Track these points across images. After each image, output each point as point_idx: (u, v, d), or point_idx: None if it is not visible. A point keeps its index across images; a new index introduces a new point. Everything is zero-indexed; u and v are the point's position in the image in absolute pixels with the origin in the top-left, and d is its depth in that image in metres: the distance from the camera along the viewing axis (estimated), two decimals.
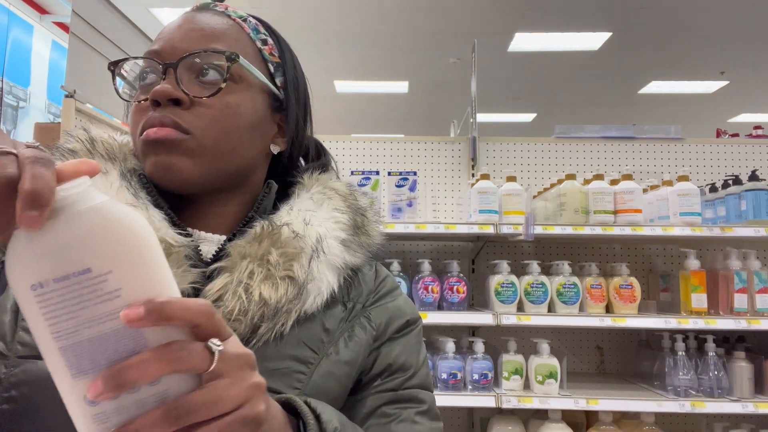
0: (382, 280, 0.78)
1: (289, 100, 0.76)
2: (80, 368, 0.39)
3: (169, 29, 0.71)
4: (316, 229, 0.70)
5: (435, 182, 2.86)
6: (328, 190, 0.76)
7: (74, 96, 2.02)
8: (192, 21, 0.71)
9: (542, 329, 2.59)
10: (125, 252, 0.39)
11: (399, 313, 0.76)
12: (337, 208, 0.74)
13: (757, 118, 8.95)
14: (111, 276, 0.38)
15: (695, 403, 2.19)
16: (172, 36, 0.69)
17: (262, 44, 0.74)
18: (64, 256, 0.37)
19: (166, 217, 0.67)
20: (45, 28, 5.00)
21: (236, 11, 0.75)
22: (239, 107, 0.69)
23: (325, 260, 0.69)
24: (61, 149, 0.69)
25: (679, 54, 6.83)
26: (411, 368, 0.73)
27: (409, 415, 0.70)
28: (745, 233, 2.26)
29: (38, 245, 0.37)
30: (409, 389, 0.73)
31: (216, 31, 0.70)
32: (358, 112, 9.30)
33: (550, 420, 2.30)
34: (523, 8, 5.75)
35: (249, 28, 0.74)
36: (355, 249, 0.73)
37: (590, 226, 2.28)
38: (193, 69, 0.68)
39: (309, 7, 5.70)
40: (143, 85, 0.70)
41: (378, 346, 0.73)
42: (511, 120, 9.67)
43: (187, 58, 0.67)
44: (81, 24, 2.09)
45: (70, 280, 0.38)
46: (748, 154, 2.88)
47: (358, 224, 0.75)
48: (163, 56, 0.68)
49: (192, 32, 0.70)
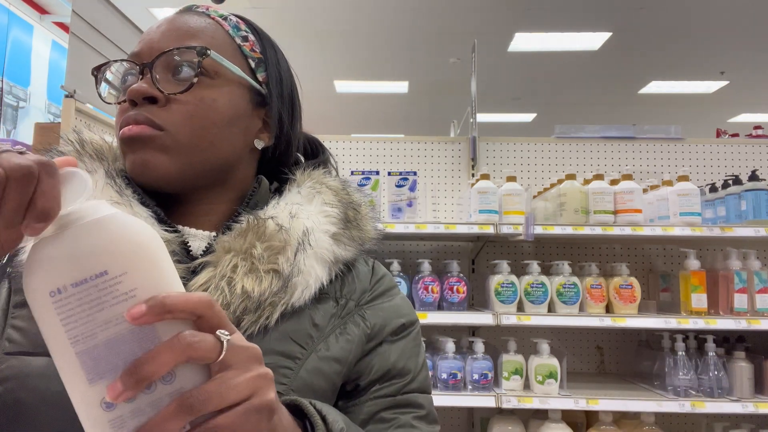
0: (379, 279, 0.78)
1: (272, 95, 0.76)
2: (97, 372, 0.40)
3: (149, 32, 0.72)
4: (303, 222, 0.70)
5: (435, 182, 2.86)
6: (319, 185, 0.76)
7: (74, 96, 2.02)
8: (171, 22, 0.72)
9: (542, 329, 2.59)
10: (138, 254, 0.42)
11: (396, 315, 0.75)
12: (327, 202, 0.74)
13: (757, 118, 8.95)
14: (126, 277, 0.41)
15: (695, 403, 2.19)
16: (151, 38, 0.71)
17: (243, 40, 0.75)
18: (82, 260, 0.40)
19: (152, 214, 0.68)
20: (45, 28, 5.00)
21: (217, 11, 0.76)
22: (215, 102, 0.69)
23: (313, 253, 0.69)
24: (54, 152, 0.70)
25: (679, 54, 6.83)
26: (410, 373, 0.73)
27: (407, 420, 0.70)
28: (745, 233, 2.26)
29: (58, 252, 0.40)
30: (407, 394, 0.72)
31: (192, 30, 0.71)
32: (358, 112, 9.30)
33: (550, 420, 2.30)
34: (523, 8, 5.75)
35: (228, 26, 0.75)
36: (346, 243, 0.73)
37: (590, 226, 2.28)
38: (169, 67, 0.69)
39: (309, 6, 5.70)
40: (125, 87, 0.71)
41: (374, 347, 0.72)
42: (511, 120, 9.67)
43: (160, 57, 0.68)
44: (81, 24, 2.09)
45: (88, 284, 0.40)
46: (748, 154, 2.88)
47: (349, 218, 0.75)
48: (141, 57, 0.69)
49: (169, 32, 0.71)
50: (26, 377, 0.59)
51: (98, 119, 2.19)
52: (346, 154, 2.89)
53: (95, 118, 2.17)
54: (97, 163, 0.69)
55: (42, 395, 0.58)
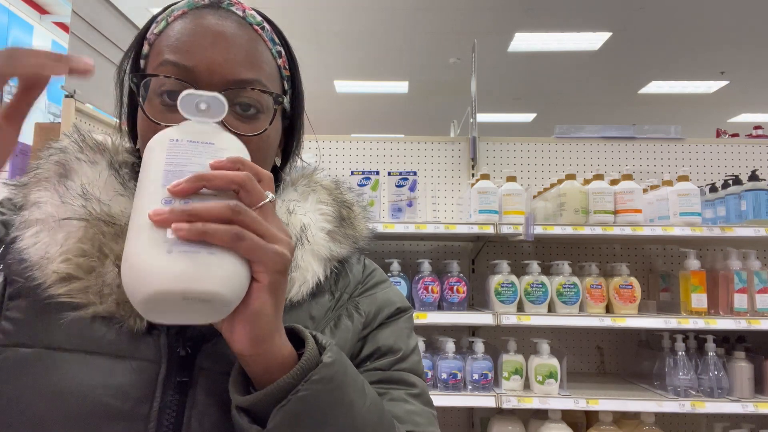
0: (371, 273, 0.79)
1: (299, 114, 0.76)
2: (170, 180, 0.52)
3: (197, 41, 0.64)
4: (301, 218, 0.70)
5: (435, 182, 2.86)
6: (313, 184, 0.76)
7: (74, 96, 2.02)
8: (222, 35, 0.65)
9: (542, 329, 2.59)
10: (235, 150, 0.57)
11: (389, 303, 0.76)
12: (322, 201, 0.75)
13: (757, 118, 8.96)
14: (223, 153, 0.55)
15: (695, 403, 2.19)
16: (206, 53, 0.64)
17: (278, 57, 0.71)
18: (203, 134, 0.56)
19: None
20: (45, 28, 5.00)
21: (253, 15, 0.71)
22: (269, 138, 0.68)
23: (310, 249, 0.69)
24: (54, 147, 0.69)
25: (679, 54, 6.83)
26: (400, 351, 0.73)
27: (399, 395, 0.70)
28: (745, 233, 2.26)
29: (192, 125, 0.56)
30: (399, 371, 0.72)
31: (252, 54, 0.66)
32: (358, 112, 9.30)
33: (550, 420, 2.30)
34: (523, 8, 5.75)
35: (268, 39, 0.70)
36: (341, 240, 0.74)
37: (590, 226, 2.28)
38: (229, 98, 0.63)
39: (309, 6, 5.70)
40: (168, 103, 0.64)
41: (367, 334, 0.73)
42: (511, 120, 9.67)
43: (229, 91, 0.63)
44: (81, 24, 2.09)
45: (197, 144, 0.55)
46: (748, 154, 2.88)
47: (343, 216, 0.75)
48: (196, 77, 0.63)
49: (229, 52, 0.64)
50: (21, 369, 0.59)
51: (98, 119, 2.19)
52: (346, 154, 2.89)
53: (95, 118, 2.17)
54: (98, 155, 0.69)
55: (36, 387, 0.58)
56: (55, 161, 0.67)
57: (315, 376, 0.54)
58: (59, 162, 0.67)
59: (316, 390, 0.54)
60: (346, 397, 0.57)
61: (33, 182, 0.67)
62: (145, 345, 0.61)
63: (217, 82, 0.63)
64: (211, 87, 0.63)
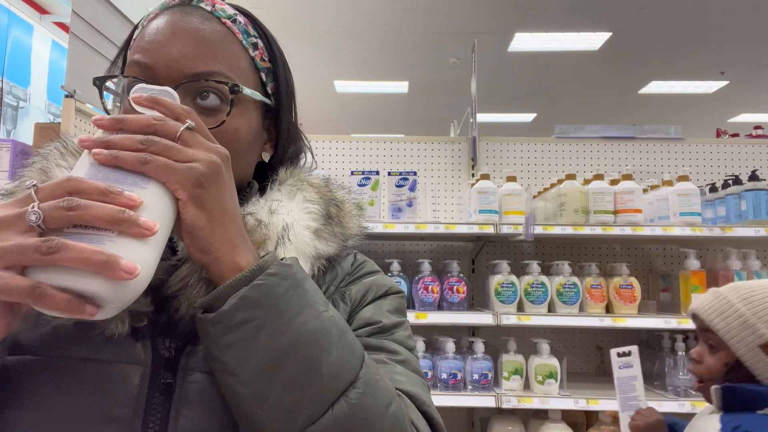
0: (360, 264, 0.79)
1: (282, 107, 0.76)
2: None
3: (158, 39, 0.67)
4: (283, 217, 0.69)
5: (435, 182, 2.86)
6: (300, 182, 0.76)
7: (74, 96, 2.02)
8: (183, 30, 0.67)
9: (542, 329, 2.59)
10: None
11: (378, 286, 0.76)
12: (308, 199, 0.74)
13: (757, 118, 8.95)
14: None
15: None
16: (164, 50, 0.66)
17: (253, 49, 0.72)
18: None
19: None
20: (45, 28, 5.00)
21: (224, 8, 0.71)
22: (237, 131, 0.68)
23: (294, 248, 0.68)
24: (39, 154, 0.69)
25: (679, 54, 6.83)
26: (380, 323, 0.71)
27: (379, 358, 0.67)
28: (745, 233, 2.26)
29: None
30: (379, 340, 0.70)
31: (212, 46, 0.67)
32: (358, 112, 9.30)
33: (550, 420, 2.30)
34: (523, 8, 5.75)
35: (239, 32, 0.71)
36: (328, 238, 0.73)
37: (590, 226, 2.28)
38: (190, 91, 0.66)
39: (309, 6, 5.70)
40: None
41: (352, 315, 0.72)
42: (511, 120, 9.67)
43: (185, 85, 0.65)
44: (81, 24, 2.09)
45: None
46: (748, 154, 2.88)
47: (331, 214, 0.75)
48: (156, 74, 0.65)
49: (185, 44, 0.66)
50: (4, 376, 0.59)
51: None
52: (346, 154, 2.89)
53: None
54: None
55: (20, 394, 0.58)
56: (38, 168, 0.67)
57: (271, 269, 0.57)
58: (41, 169, 0.67)
59: (272, 282, 0.56)
60: (304, 297, 0.58)
61: (18, 190, 0.67)
62: (129, 348, 0.61)
63: (175, 77, 0.65)
64: (170, 82, 0.65)
